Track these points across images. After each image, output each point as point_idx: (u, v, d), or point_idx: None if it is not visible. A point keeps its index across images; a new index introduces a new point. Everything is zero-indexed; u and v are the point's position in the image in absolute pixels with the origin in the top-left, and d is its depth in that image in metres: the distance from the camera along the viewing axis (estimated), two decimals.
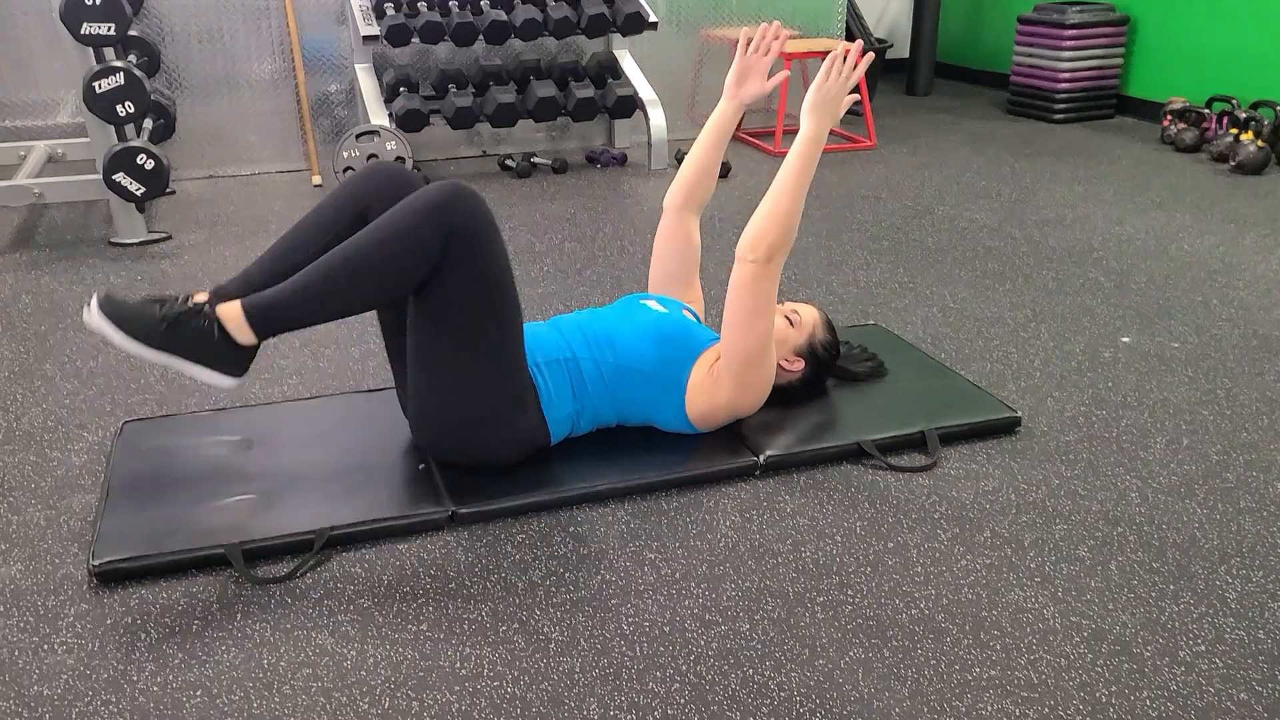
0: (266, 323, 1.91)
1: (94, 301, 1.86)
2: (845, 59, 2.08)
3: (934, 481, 2.15)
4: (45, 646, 1.68)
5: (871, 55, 2.15)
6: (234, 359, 1.92)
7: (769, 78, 2.35)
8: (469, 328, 1.97)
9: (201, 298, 1.95)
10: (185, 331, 1.87)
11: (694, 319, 2.33)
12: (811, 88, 2.10)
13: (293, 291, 1.90)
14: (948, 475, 2.17)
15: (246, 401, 2.50)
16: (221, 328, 1.89)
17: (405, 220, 1.89)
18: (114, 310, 1.85)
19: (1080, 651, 1.65)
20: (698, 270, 2.49)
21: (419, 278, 1.92)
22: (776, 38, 2.31)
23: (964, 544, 1.94)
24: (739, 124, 2.42)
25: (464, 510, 2.00)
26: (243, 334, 1.90)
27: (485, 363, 2.00)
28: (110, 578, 1.83)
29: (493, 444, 2.08)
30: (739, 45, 2.33)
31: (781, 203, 2.05)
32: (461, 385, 2.01)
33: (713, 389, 2.17)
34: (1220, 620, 1.73)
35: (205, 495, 2.03)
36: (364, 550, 1.93)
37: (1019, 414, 2.36)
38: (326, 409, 2.41)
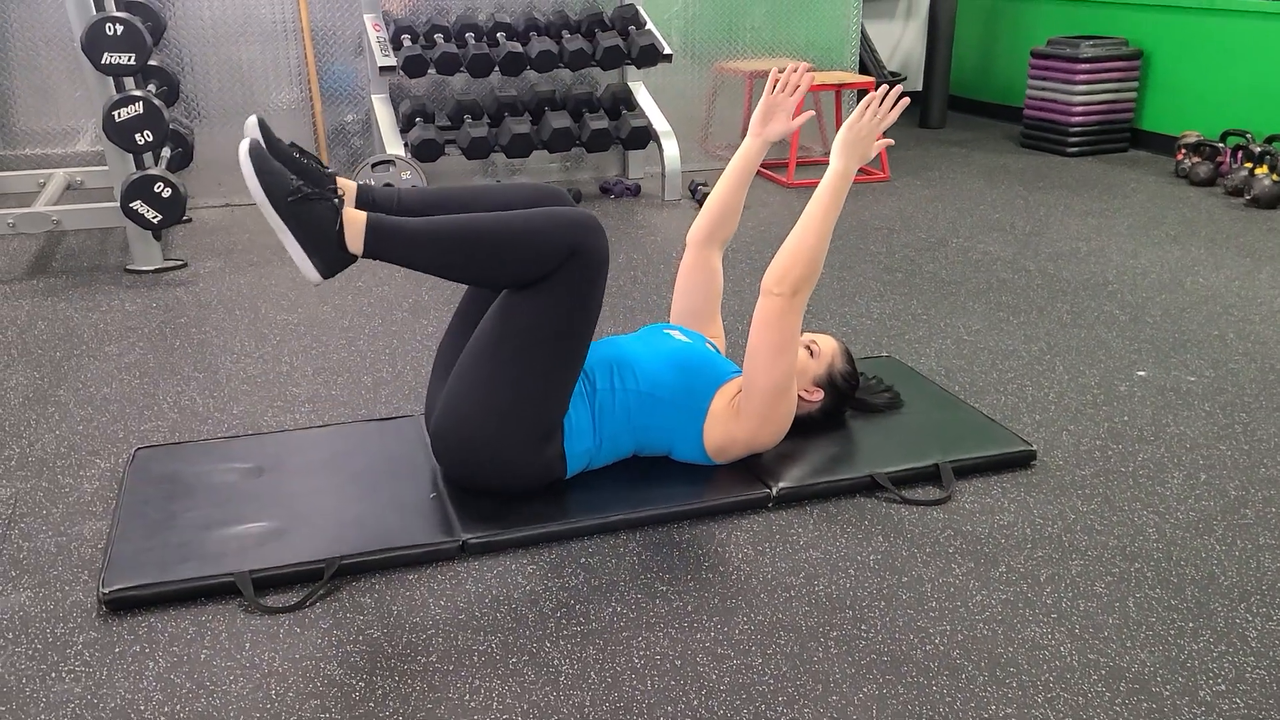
0: (380, 245, 1.94)
1: (247, 143, 1.89)
2: (883, 100, 2.10)
3: (948, 515, 2.13)
4: (53, 674, 1.67)
5: (908, 100, 2.17)
6: (334, 259, 1.93)
7: (794, 116, 2.38)
8: (540, 343, 2.00)
9: (348, 189, 2.05)
10: (309, 211, 1.90)
11: (716, 352, 2.32)
12: (844, 125, 2.12)
13: (416, 231, 1.94)
14: (962, 509, 2.15)
15: (258, 429, 2.50)
16: (340, 226, 1.91)
17: (542, 221, 1.96)
18: (260, 161, 1.89)
19: (1098, 690, 1.63)
20: (719, 305, 2.49)
21: (527, 276, 1.97)
22: (803, 79, 2.36)
23: (979, 579, 1.91)
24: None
25: (475, 540, 1.99)
26: (354, 243, 1.93)
27: (536, 383, 2.01)
28: (120, 605, 1.82)
29: (510, 468, 2.07)
30: (767, 84, 2.36)
31: (808, 238, 2.05)
32: (504, 394, 2.01)
33: (732, 421, 2.16)
34: (1241, 659, 1.70)
35: (216, 523, 2.03)
36: (374, 579, 1.92)
37: (1034, 447, 2.35)
38: (338, 437, 2.41)
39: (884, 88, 2.12)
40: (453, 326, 2.22)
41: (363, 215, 1.93)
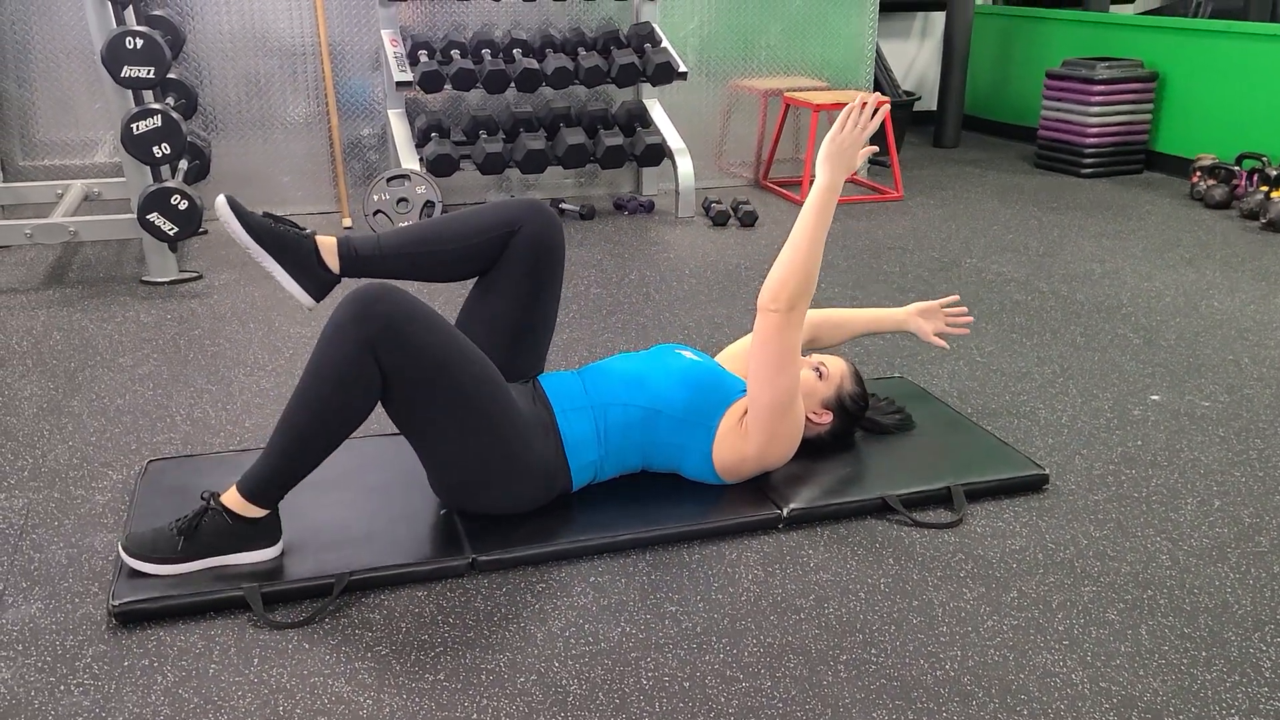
0: (266, 496, 1.94)
1: (120, 546, 1.93)
2: (862, 109, 2.08)
3: (960, 539, 2.12)
4: (61, 687, 1.68)
5: (888, 106, 2.14)
6: (260, 534, 1.95)
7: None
8: (439, 411, 1.96)
9: (326, 245, 2.11)
10: (202, 535, 1.92)
11: (727, 372, 2.31)
12: (827, 138, 2.10)
13: (272, 459, 1.93)
14: (974, 532, 2.14)
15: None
16: (232, 514, 1.92)
17: (330, 349, 1.88)
18: (135, 547, 1.91)
19: (1110, 719, 1.61)
20: None
21: (371, 393, 1.91)
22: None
23: (990, 604, 1.90)
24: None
25: (484, 558, 1.99)
26: (251, 511, 1.94)
27: (471, 432, 1.99)
28: (129, 618, 1.83)
29: (507, 497, 2.08)
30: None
31: (800, 252, 2.04)
32: (457, 459, 2.01)
33: (741, 441, 2.15)
34: (1254, 690, 1.68)
35: None
36: (383, 596, 1.92)
37: (1046, 471, 2.34)
38: (349, 452, 2.39)
39: (861, 96, 2.10)
40: None
41: (232, 490, 1.94)
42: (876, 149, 2.26)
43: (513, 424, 2.03)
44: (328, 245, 2.13)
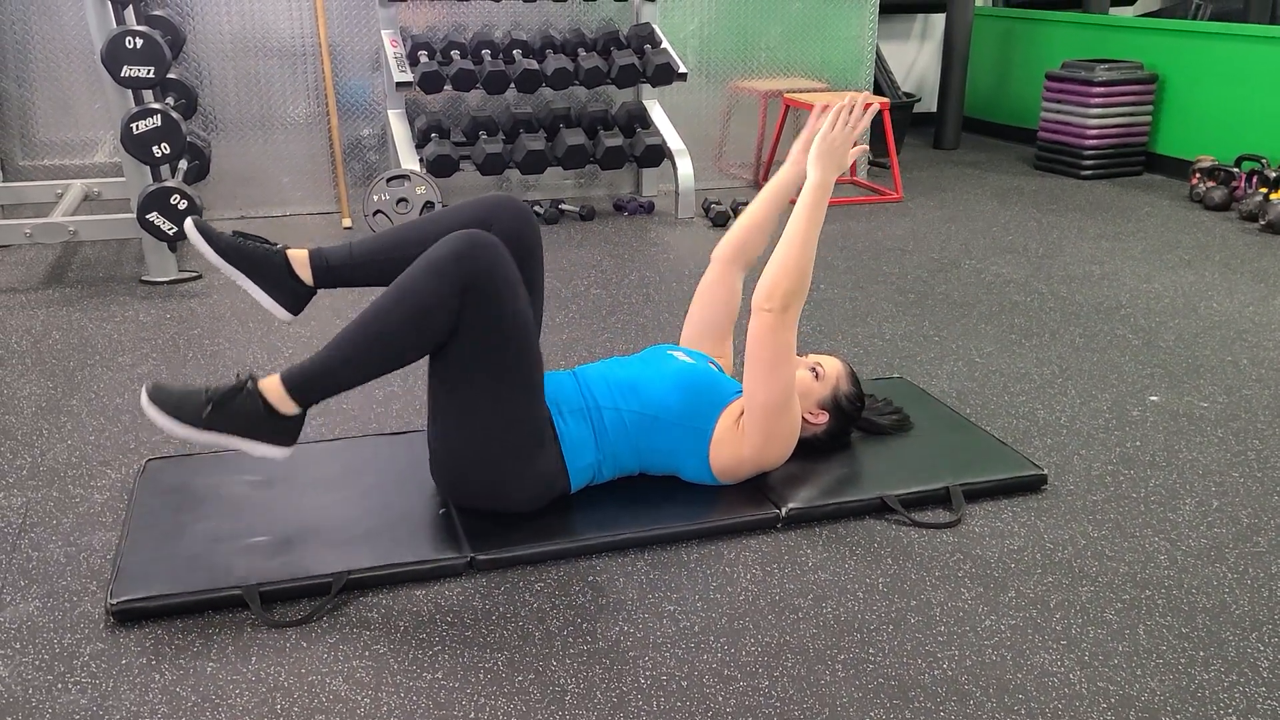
0: (307, 393, 1.96)
1: (144, 390, 1.93)
2: (852, 109, 2.09)
3: (958, 539, 2.12)
4: (59, 685, 1.68)
5: (877, 106, 2.15)
6: (282, 430, 1.96)
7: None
8: (488, 375, 1.98)
9: (298, 258, 2.10)
10: (230, 409, 1.92)
11: (720, 372, 2.32)
12: (817, 137, 2.10)
13: (326, 359, 1.95)
14: (972, 532, 2.14)
15: None
16: (265, 401, 1.93)
17: (425, 275, 1.92)
18: (161, 397, 1.92)
19: (1107, 719, 1.61)
20: (733, 326, 2.48)
21: (444, 330, 1.94)
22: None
23: (988, 604, 1.90)
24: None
25: (483, 557, 1.99)
26: (285, 405, 1.95)
27: (503, 409, 2.00)
28: (127, 616, 1.83)
29: (509, 490, 2.08)
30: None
31: (793, 251, 2.05)
32: (479, 430, 2.01)
33: (738, 442, 2.16)
34: (1252, 690, 1.68)
35: (225, 535, 2.03)
36: (381, 595, 1.92)
37: (1045, 472, 2.34)
38: (348, 451, 2.41)
39: (850, 96, 2.11)
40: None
41: (275, 378, 1.95)
42: (867, 148, 2.27)
43: (536, 418, 2.05)
44: (299, 258, 2.13)
